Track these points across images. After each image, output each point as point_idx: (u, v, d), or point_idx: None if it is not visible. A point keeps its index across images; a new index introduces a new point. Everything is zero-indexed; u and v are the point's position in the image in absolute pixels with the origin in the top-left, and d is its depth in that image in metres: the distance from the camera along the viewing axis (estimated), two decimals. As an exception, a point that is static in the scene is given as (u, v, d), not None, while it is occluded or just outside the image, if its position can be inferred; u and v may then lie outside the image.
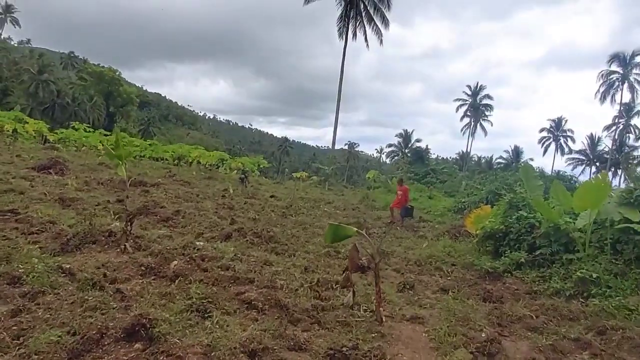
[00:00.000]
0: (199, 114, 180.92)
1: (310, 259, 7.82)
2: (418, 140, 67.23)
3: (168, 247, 6.52)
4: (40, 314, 3.82)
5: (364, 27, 43.41)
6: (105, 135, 26.28)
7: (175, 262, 6.09)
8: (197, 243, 7.45)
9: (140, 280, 5.24)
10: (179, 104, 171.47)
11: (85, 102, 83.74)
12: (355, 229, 4.98)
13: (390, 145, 79.25)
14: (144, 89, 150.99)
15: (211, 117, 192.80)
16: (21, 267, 4.65)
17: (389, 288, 6.71)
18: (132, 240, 6.74)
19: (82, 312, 3.96)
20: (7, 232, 6.57)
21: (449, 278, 8.10)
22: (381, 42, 43.76)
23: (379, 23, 43.05)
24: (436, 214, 19.22)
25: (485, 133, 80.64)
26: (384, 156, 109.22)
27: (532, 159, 75.96)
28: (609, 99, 65.81)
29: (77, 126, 25.72)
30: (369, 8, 42.91)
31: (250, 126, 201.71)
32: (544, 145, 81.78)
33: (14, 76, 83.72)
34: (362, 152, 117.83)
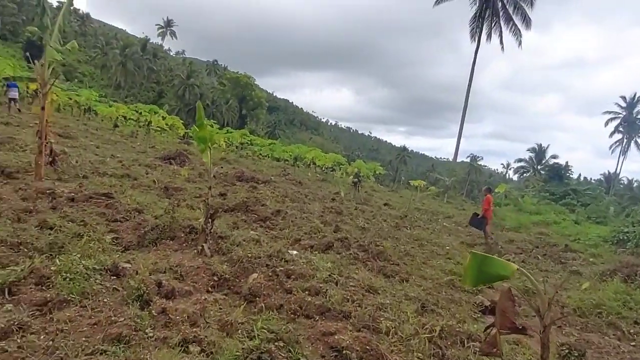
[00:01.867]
0: (322, 120, 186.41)
1: (428, 289, 5.99)
2: (554, 157, 58.81)
3: (252, 254, 5.29)
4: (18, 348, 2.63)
5: (500, 28, 39.07)
6: (229, 132, 27.37)
7: (255, 276, 4.81)
8: (290, 252, 6.13)
9: (204, 297, 4.02)
10: (304, 110, 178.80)
11: (222, 104, 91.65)
12: (516, 267, 3.04)
13: (519, 160, 71.04)
14: (274, 94, 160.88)
15: (333, 123, 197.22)
16: (59, 262, 3.74)
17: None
18: (212, 241, 5.68)
19: (90, 351, 2.75)
20: (91, 216, 6.01)
21: (634, 343, 5.57)
22: (520, 43, 38.96)
23: (518, 23, 38.36)
24: (588, 243, 15.47)
25: (642, 152, 67.61)
26: (510, 172, 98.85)
27: None
28: None
29: (206, 122, 27.12)
30: (507, 7, 38.51)
31: (369, 134, 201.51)
32: None
33: (169, 81, 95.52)
34: (485, 166, 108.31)
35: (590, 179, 76.84)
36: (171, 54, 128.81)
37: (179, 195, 9.33)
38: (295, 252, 6.29)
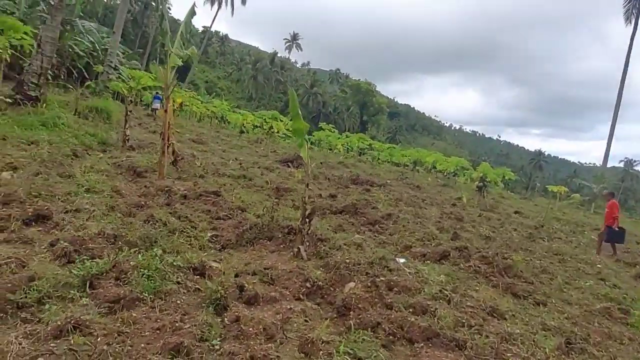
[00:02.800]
0: (445, 124, 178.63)
1: (574, 318, 4.70)
2: None
3: (351, 260, 4.68)
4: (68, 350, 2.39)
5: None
6: (347, 137, 27.38)
7: (352, 285, 4.19)
8: (397, 260, 5.39)
9: (290, 306, 3.54)
10: (426, 115, 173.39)
11: (343, 111, 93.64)
12: None
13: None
14: (395, 100, 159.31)
15: (457, 127, 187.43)
16: (140, 258, 3.59)
17: None
18: (311, 243, 5.22)
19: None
20: (197, 213, 6.05)
21: None
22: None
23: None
24: None
25: None
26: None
27: None
28: None
29: (324, 127, 27.67)
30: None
31: (498, 137, 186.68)
32: None
33: (295, 91, 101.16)
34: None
35: None
36: (297, 65, 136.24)
37: (289, 196, 9.21)
38: (403, 260, 5.52)
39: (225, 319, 3.04)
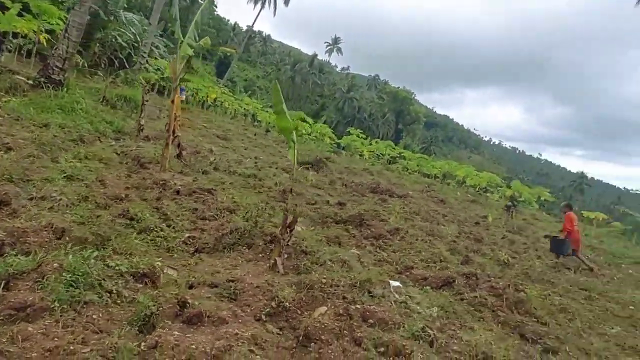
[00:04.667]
0: (484, 138, 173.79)
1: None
2: None
3: (330, 280, 4.12)
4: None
5: None
6: (376, 142, 26.64)
7: (323, 310, 3.64)
8: (391, 282, 4.80)
9: (238, 331, 3.02)
10: (465, 127, 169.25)
11: (379, 117, 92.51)
12: None
13: None
14: (434, 110, 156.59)
15: (496, 142, 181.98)
16: (70, 259, 3.15)
17: None
18: (295, 256, 4.70)
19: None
20: (182, 211, 5.65)
21: None
22: None
23: None
24: None
25: None
26: None
27: None
28: None
29: (352, 131, 27.00)
30: None
31: (539, 156, 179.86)
32: None
33: (331, 94, 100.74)
34: None
35: None
36: (337, 69, 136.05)
37: (294, 200, 8.72)
38: (396, 283, 4.91)
39: (142, 343, 2.56)
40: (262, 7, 54.63)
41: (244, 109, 36.74)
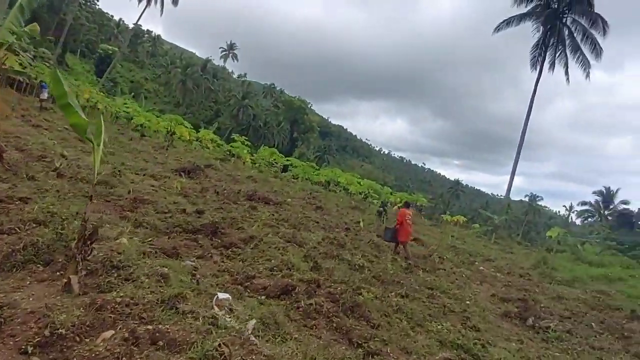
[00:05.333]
0: (375, 148, 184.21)
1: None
2: (624, 202, 52.74)
3: (130, 299, 3.64)
4: None
5: (566, 58, 35.53)
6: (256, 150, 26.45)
7: (108, 335, 3.15)
8: (218, 295, 4.46)
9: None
10: (358, 137, 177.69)
11: (274, 126, 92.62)
12: None
13: (584, 204, 65.32)
14: (329, 120, 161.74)
15: (386, 152, 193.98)
16: None
17: None
18: (94, 272, 4.11)
19: None
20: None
21: None
22: (587, 75, 35.13)
23: (587, 52, 34.57)
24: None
25: None
26: (573, 215, 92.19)
27: None
28: None
29: (237, 138, 26.35)
30: (575, 35, 35.07)
31: (423, 165, 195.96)
32: None
33: (226, 101, 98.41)
34: (545, 207, 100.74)
35: (669, 231, 68.88)
36: (234, 76, 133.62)
37: (143, 209, 7.98)
38: (225, 295, 4.58)
39: None
40: (148, 4, 51.33)
41: (124, 111, 33.96)
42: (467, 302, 7.99)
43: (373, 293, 5.98)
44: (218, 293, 4.59)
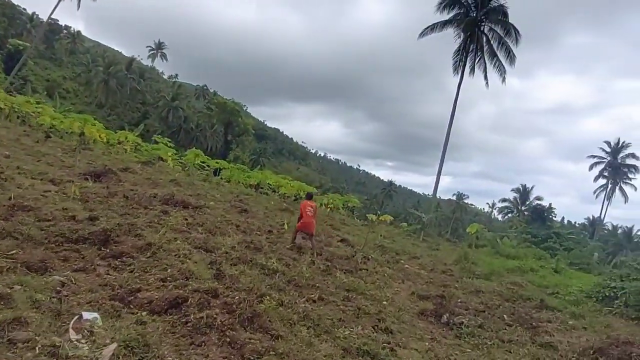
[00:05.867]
0: (311, 150, 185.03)
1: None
2: (538, 198, 57.66)
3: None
4: None
5: (484, 63, 37.96)
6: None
7: None
8: (83, 314, 3.76)
9: None
10: (294, 140, 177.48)
11: (207, 129, 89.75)
12: None
13: (504, 200, 70.52)
14: (265, 123, 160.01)
15: (322, 155, 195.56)
16: None
17: None
18: None
19: None
20: None
21: None
22: (503, 79, 37.83)
23: (502, 58, 37.21)
24: (568, 299, 12.97)
25: (626, 199, 66.75)
26: (495, 212, 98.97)
27: None
28: None
29: (159, 139, 24.81)
30: (492, 42, 37.53)
31: (358, 167, 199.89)
32: None
33: (155, 102, 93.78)
34: (471, 204, 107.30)
35: (575, 222, 75.75)
36: (164, 77, 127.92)
37: (23, 215, 6.94)
38: (92, 314, 3.91)
39: None
40: (62, -3, 47.44)
41: (36, 112, 30.82)
42: (384, 303, 7.81)
43: (277, 300, 5.53)
44: (83, 313, 3.90)
